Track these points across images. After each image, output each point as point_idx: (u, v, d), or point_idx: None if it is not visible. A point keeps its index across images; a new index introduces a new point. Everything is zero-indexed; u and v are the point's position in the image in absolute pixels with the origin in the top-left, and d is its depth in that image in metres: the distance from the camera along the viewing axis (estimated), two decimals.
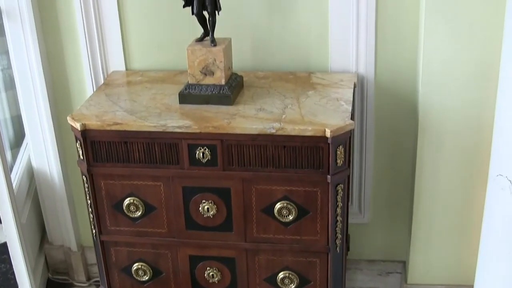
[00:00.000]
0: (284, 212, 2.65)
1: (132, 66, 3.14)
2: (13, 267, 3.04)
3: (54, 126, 3.25)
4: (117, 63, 3.13)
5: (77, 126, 2.63)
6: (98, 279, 3.45)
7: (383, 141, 3.10)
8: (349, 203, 3.10)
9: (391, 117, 3.05)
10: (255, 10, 2.96)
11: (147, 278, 2.92)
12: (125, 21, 3.06)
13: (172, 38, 3.04)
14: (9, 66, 3.25)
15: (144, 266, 2.89)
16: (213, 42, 2.69)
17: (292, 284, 2.80)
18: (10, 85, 3.38)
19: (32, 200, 3.47)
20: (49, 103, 3.20)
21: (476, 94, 2.75)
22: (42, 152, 3.32)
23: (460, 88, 2.76)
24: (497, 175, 2.54)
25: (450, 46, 2.70)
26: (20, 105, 3.26)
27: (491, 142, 2.67)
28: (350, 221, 3.12)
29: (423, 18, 2.72)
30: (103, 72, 3.15)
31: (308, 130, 2.49)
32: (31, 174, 3.45)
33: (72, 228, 3.50)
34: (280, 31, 2.98)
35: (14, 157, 3.54)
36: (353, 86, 2.83)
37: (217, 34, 2.72)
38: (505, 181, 2.48)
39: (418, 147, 2.89)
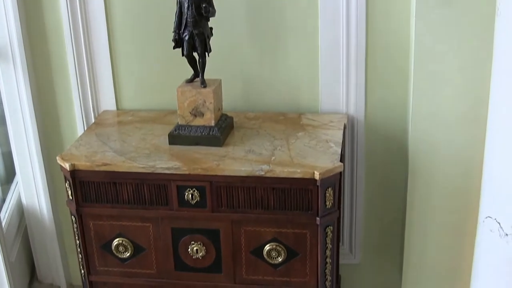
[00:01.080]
0: (273, 254, 2.68)
1: (123, 106, 3.18)
2: None
3: (44, 164, 3.28)
4: (108, 103, 3.17)
5: (67, 166, 2.66)
6: None
7: (373, 183, 3.13)
8: (340, 244, 3.14)
9: (381, 158, 3.08)
10: (246, 51, 3.01)
11: None
12: (116, 61, 3.11)
13: (163, 78, 3.09)
14: (0, 102, 3.29)
15: None
16: (203, 83, 2.73)
17: None
18: (1, 121, 3.43)
19: (22, 237, 3.48)
20: (40, 141, 3.24)
21: (466, 136, 2.78)
22: (32, 189, 3.35)
23: (450, 130, 2.79)
24: (486, 217, 2.56)
25: (439, 89, 2.74)
26: (10, 142, 3.29)
27: (480, 182, 2.69)
28: (341, 261, 3.15)
29: (412, 61, 2.75)
30: (93, 112, 3.19)
31: (297, 172, 2.52)
32: (21, 211, 3.47)
33: (62, 266, 3.52)
34: (271, 72, 3.03)
35: (5, 193, 3.55)
36: (343, 127, 2.87)
37: (207, 75, 2.76)
38: (494, 223, 2.50)
39: (408, 188, 2.92)
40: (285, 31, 2.97)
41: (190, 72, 2.80)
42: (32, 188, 3.35)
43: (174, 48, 2.74)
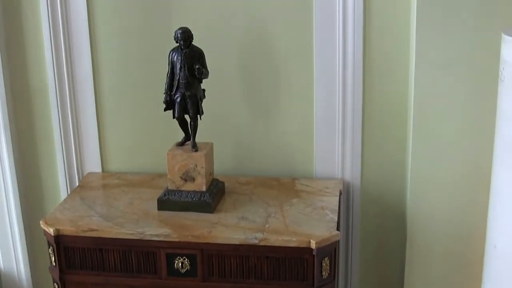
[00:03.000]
0: None
1: (109, 168, 3.19)
2: None
3: (25, 229, 3.27)
4: (93, 165, 3.19)
5: (51, 231, 2.66)
6: None
7: (369, 251, 3.14)
8: None
9: (378, 225, 3.10)
10: (238, 114, 3.05)
11: None
12: (103, 121, 3.13)
13: (151, 140, 3.12)
14: None
15: None
16: (194, 147, 2.76)
17: None
18: None
19: None
20: (20, 204, 3.23)
21: (467, 201, 2.81)
22: (11, 255, 3.33)
23: (450, 195, 2.82)
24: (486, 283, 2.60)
25: (439, 153, 2.77)
26: None
27: (483, 251, 2.69)
28: None
29: (411, 125, 2.79)
30: (78, 174, 3.20)
31: (292, 241, 2.53)
32: None
33: None
34: (263, 135, 3.06)
35: None
36: (338, 194, 2.88)
37: (199, 138, 2.78)
38: None
39: (406, 256, 2.93)
40: (279, 93, 3.01)
41: (179, 134, 2.82)
42: (10, 253, 3.33)
43: (165, 110, 2.77)
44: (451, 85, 2.70)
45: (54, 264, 2.74)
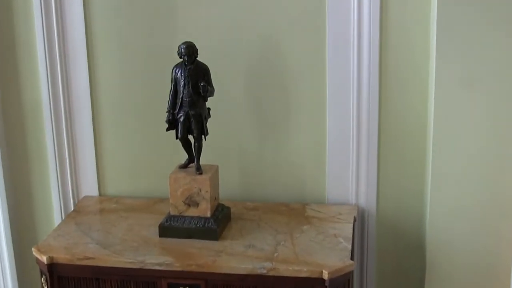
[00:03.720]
0: None
1: (106, 192, 3.17)
2: None
3: (15, 257, 3.23)
4: (89, 188, 3.17)
5: (43, 259, 2.62)
6: None
7: (386, 282, 3.10)
8: None
9: (395, 254, 3.06)
10: (245, 134, 3.02)
11: None
12: (100, 141, 3.11)
13: (152, 162, 3.09)
14: None
15: None
16: (199, 169, 2.72)
17: None
18: None
19: None
20: (11, 230, 3.19)
21: (491, 230, 2.77)
22: (0, 285, 3.28)
23: (472, 223, 2.78)
24: None
25: (461, 176, 2.74)
26: None
27: (508, 282, 2.69)
28: None
29: (430, 146, 2.76)
30: (73, 197, 3.18)
31: (303, 271, 2.49)
32: None
33: None
34: (272, 157, 3.03)
35: None
36: (352, 221, 2.85)
37: (203, 160, 2.74)
38: None
39: (426, 286, 2.89)
40: (289, 113, 2.98)
41: (183, 156, 2.79)
42: None
43: (167, 130, 2.74)
44: (474, 104, 2.67)
45: None
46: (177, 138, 2.73)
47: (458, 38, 2.62)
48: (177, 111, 2.70)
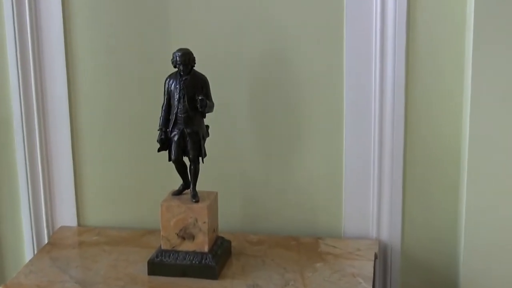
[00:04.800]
0: None
1: (86, 222, 3.07)
2: None
3: None
4: (66, 217, 3.07)
5: None
6: None
7: None
8: None
9: None
10: (249, 157, 2.92)
11: None
12: (80, 163, 3.02)
13: (141, 188, 3.01)
14: None
15: None
16: (195, 196, 2.60)
17: None
18: None
19: None
20: None
21: None
22: None
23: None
24: None
25: (500, 209, 2.60)
26: None
27: None
28: None
29: (464, 175, 2.62)
30: (48, 228, 3.08)
31: None
32: None
33: None
34: (280, 183, 2.93)
35: None
36: (373, 258, 2.72)
37: (200, 186, 2.63)
38: None
39: None
40: (300, 132, 2.87)
41: (176, 181, 2.66)
42: None
43: (159, 150, 2.62)
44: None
45: None
46: (170, 160, 2.61)
47: (496, 55, 2.49)
48: (170, 129, 2.59)
